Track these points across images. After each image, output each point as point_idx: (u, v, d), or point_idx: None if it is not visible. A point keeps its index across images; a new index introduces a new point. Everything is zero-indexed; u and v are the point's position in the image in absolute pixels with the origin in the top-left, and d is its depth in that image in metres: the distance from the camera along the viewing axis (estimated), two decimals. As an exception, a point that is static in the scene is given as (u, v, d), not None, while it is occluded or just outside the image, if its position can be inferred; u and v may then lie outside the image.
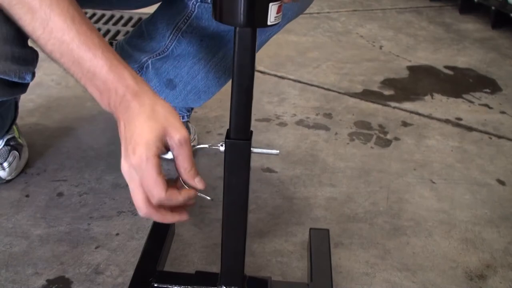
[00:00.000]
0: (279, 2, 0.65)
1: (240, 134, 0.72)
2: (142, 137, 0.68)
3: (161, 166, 0.69)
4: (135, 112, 0.69)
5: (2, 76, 0.78)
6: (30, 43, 0.81)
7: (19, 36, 0.76)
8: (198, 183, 0.72)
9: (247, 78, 0.69)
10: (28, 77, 0.82)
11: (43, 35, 0.70)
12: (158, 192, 0.68)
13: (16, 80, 0.80)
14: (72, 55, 0.69)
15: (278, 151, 0.74)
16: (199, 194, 0.75)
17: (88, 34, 0.70)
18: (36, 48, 0.83)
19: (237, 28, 0.67)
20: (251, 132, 0.73)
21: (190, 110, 1.24)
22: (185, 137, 0.69)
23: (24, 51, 0.80)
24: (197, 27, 0.99)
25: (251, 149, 0.73)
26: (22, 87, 0.86)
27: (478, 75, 1.80)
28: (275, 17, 0.65)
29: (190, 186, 0.73)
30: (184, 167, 0.71)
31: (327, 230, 1.00)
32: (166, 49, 1.04)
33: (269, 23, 0.65)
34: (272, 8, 0.64)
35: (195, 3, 0.96)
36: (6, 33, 0.75)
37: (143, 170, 0.67)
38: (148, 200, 0.69)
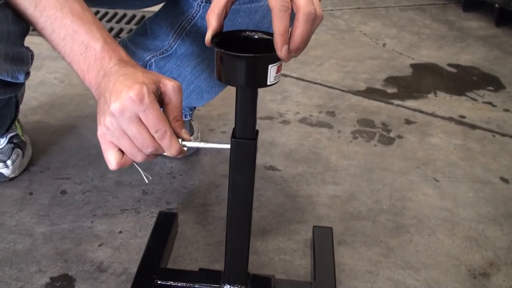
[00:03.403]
0: (278, 62, 0.67)
1: (245, 133, 0.72)
2: (138, 80, 0.67)
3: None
4: (127, 70, 0.69)
5: None
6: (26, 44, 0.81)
7: (14, 35, 0.76)
8: (184, 133, 0.72)
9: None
10: (21, 77, 0.81)
11: (34, 12, 0.72)
12: (164, 124, 0.68)
13: (9, 79, 0.79)
14: (65, 29, 0.71)
15: (229, 146, 0.73)
16: (141, 171, 0.77)
17: (81, 11, 0.72)
18: (32, 49, 0.84)
19: (239, 88, 0.70)
20: (257, 131, 0.73)
21: (192, 109, 1.24)
22: (178, 85, 0.70)
23: (18, 50, 0.79)
24: (202, 27, 0.99)
25: (202, 144, 0.75)
26: (15, 86, 0.85)
27: (482, 73, 1.80)
28: (275, 77, 0.67)
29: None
30: (174, 115, 0.71)
31: (330, 228, 1.00)
32: (169, 48, 1.04)
33: (268, 83, 0.67)
34: (271, 69, 0.66)
35: (200, 3, 0.96)
36: (0, 33, 0.74)
37: (145, 104, 0.66)
38: (138, 149, 0.69)
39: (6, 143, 1.13)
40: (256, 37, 0.70)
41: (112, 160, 0.71)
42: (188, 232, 1.03)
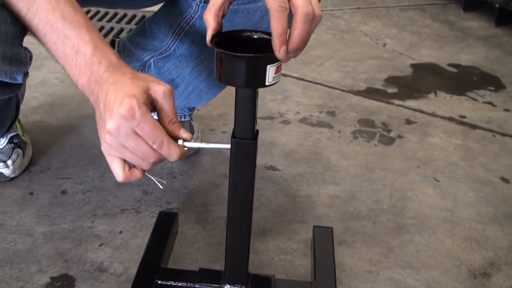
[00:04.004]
0: (277, 63, 0.67)
1: (245, 133, 0.72)
2: (127, 92, 0.68)
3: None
4: (117, 78, 0.70)
5: None
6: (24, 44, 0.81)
7: (12, 36, 0.76)
8: (183, 133, 0.72)
9: None
10: (19, 78, 0.81)
11: (27, 15, 0.72)
12: (160, 134, 0.69)
13: (7, 80, 0.79)
14: (56, 33, 0.72)
15: (229, 145, 0.73)
16: (153, 178, 0.77)
17: (72, 13, 0.72)
18: (32, 49, 0.84)
19: (238, 88, 0.70)
20: (257, 131, 0.73)
21: (192, 109, 1.24)
22: (169, 89, 0.71)
23: (16, 51, 0.79)
24: (200, 28, 0.99)
25: (202, 145, 0.75)
26: (14, 87, 0.85)
27: (482, 73, 1.80)
28: (273, 77, 0.67)
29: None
30: (169, 119, 0.71)
31: (331, 228, 1.00)
32: (168, 49, 1.04)
33: (267, 83, 0.68)
34: (270, 70, 0.67)
35: (199, 3, 0.96)
36: None
37: (137, 119, 0.67)
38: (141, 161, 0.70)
39: (7, 143, 1.13)
40: (256, 37, 0.70)
41: (118, 171, 0.72)
42: (188, 232, 1.03)
